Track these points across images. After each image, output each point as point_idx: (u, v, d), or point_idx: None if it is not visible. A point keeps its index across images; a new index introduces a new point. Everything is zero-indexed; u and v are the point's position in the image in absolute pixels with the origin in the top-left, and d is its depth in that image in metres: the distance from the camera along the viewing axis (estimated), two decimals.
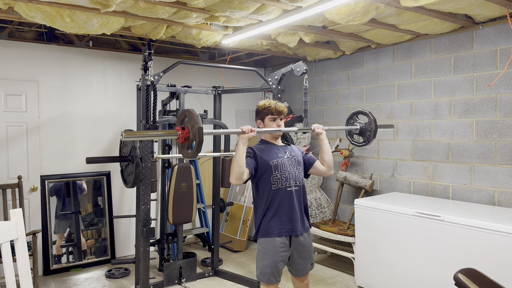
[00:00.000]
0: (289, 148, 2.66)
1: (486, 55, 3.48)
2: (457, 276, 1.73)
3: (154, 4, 2.85)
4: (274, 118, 2.59)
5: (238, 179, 2.39)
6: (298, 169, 2.60)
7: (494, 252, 2.75)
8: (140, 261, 3.33)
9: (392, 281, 3.41)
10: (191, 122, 2.12)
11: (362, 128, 3.03)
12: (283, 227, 2.50)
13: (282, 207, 2.50)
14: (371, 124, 2.97)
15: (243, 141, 2.40)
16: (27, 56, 4.08)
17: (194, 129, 2.08)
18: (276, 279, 2.51)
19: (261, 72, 5.58)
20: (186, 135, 2.13)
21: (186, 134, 2.13)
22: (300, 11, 2.97)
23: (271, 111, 2.58)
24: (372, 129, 2.97)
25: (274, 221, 2.49)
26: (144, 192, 3.23)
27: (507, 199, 3.36)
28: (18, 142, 4.03)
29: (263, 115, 2.61)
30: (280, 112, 2.59)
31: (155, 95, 3.09)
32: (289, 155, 2.60)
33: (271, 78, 3.50)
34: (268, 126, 2.61)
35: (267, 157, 2.53)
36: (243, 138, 2.40)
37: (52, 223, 4.17)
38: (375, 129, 2.96)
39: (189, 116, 2.14)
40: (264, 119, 2.62)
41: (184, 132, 2.13)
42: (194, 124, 2.08)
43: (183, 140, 2.14)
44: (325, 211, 4.74)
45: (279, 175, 2.51)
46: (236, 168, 2.37)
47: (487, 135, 3.49)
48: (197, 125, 2.06)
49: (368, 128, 2.99)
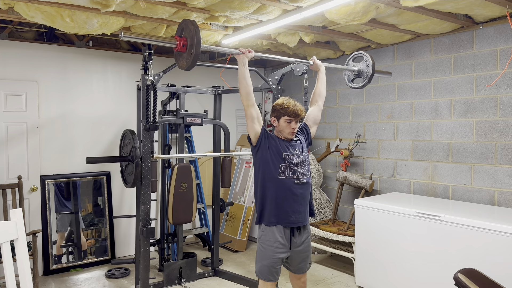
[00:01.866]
0: (298, 145, 2.61)
1: (486, 55, 3.48)
2: (457, 276, 1.73)
3: (154, 4, 2.85)
4: (290, 120, 2.50)
5: (247, 99, 2.46)
6: (305, 165, 2.58)
7: (494, 252, 2.75)
8: (140, 261, 3.33)
9: (392, 281, 3.41)
10: (188, 29, 2.27)
11: (360, 70, 3.22)
12: (286, 217, 2.49)
13: (287, 198, 2.49)
14: (367, 61, 3.12)
15: (242, 61, 2.48)
16: (27, 56, 4.08)
17: (191, 33, 2.24)
18: (274, 278, 2.53)
19: (261, 72, 5.58)
20: (184, 41, 2.28)
21: (184, 41, 2.28)
22: (300, 11, 2.97)
23: (288, 112, 2.48)
24: (370, 64, 3.12)
25: (277, 210, 2.48)
26: (144, 192, 3.23)
27: (507, 199, 3.36)
28: (18, 142, 4.03)
29: (280, 114, 2.53)
30: (297, 115, 2.49)
31: (155, 95, 3.08)
32: (298, 152, 2.57)
33: (271, 78, 3.50)
34: (282, 127, 2.52)
35: (280, 146, 2.52)
36: (242, 58, 2.48)
37: (52, 223, 4.17)
38: (372, 63, 3.12)
39: (186, 24, 2.29)
40: (279, 119, 2.53)
41: (182, 40, 2.29)
42: (191, 27, 2.25)
43: (181, 47, 2.29)
44: (325, 211, 4.74)
45: (288, 166, 2.49)
46: (242, 87, 2.46)
47: (487, 135, 3.49)
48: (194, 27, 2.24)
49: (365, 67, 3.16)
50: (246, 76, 2.47)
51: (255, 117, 2.48)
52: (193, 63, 2.25)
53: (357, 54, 3.26)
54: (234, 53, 2.52)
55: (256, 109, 2.49)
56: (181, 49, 2.29)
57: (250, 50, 2.52)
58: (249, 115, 2.48)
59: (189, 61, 2.27)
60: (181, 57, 2.35)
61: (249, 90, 2.46)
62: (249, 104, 2.46)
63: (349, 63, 3.30)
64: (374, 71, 3.14)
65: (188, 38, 2.28)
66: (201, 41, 2.24)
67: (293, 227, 2.53)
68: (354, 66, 3.23)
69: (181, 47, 2.29)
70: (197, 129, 4.83)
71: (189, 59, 2.28)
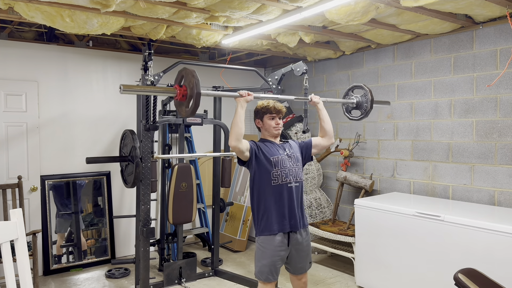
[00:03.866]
0: (288, 145, 2.68)
1: (486, 55, 3.48)
2: (457, 276, 1.73)
3: (154, 4, 2.85)
4: (273, 116, 2.63)
5: (237, 140, 2.42)
6: (297, 166, 2.62)
7: (494, 252, 2.75)
8: (140, 261, 3.33)
9: (392, 281, 3.41)
10: (188, 79, 2.22)
11: (358, 102, 3.15)
12: (285, 223, 2.51)
13: (283, 203, 2.52)
14: (366, 96, 3.05)
15: (241, 104, 2.47)
16: (27, 56, 4.08)
17: (191, 84, 2.19)
18: (274, 278, 2.53)
19: (261, 72, 5.59)
20: (184, 92, 2.23)
21: (184, 91, 2.23)
22: (300, 11, 2.97)
23: (269, 110, 2.62)
24: (369, 100, 3.06)
25: (275, 217, 2.50)
26: (144, 192, 3.23)
27: (507, 199, 3.36)
28: (18, 142, 4.03)
29: (262, 114, 2.65)
30: (278, 111, 2.63)
31: (155, 95, 3.08)
32: (288, 152, 2.63)
33: (271, 78, 3.50)
34: (267, 125, 2.64)
35: (268, 153, 2.56)
36: (241, 101, 2.46)
37: (52, 223, 4.17)
38: (371, 99, 3.05)
39: (186, 74, 2.24)
40: (262, 118, 2.66)
41: (182, 90, 2.23)
42: (191, 79, 2.19)
43: (181, 97, 2.24)
44: (325, 211, 4.74)
45: (279, 171, 2.53)
46: (235, 129, 2.42)
47: (487, 135, 3.49)
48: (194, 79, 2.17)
49: (364, 101, 3.08)
50: (242, 119, 2.45)
51: (245, 149, 2.48)
52: (193, 113, 2.22)
53: (356, 86, 3.17)
54: (233, 96, 2.51)
55: (243, 143, 2.48)
56: (181, 99, 2.24)
57: (250, 93, 2.50)
58: (239, 152, 2.48)
59: (189, 112, 2.22)
60: (181, 106, 2.29)
61: (242, 132, 2.43)
62: (237, 145, 2.44)
63: (349, 93, 3.25)
64: (372, 106, 3.08)
65: (188, 88, 2.22)
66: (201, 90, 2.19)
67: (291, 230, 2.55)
68: (352, 98, 3.17)
69: (180, 97, 2.23)
70: (197, 129, 4.83)
71: (188, 109, 2.22)
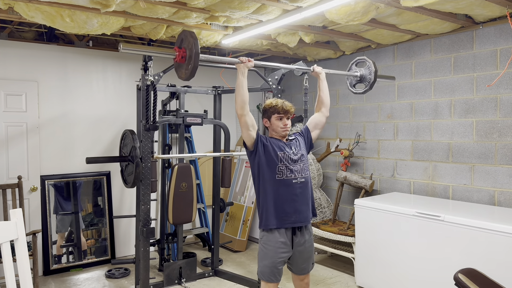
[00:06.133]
0: (294, 143, 2.64)
1: (486, 55, 3.48)
2: (457, 276, 1.73)
3: (154, 4, 2.85)
4: (280, 117, 2.59)
5: (242, 108, 2.42)
6: (302, 162, 2.60)
7: (494, 252, 2.75)
8: (140, 261, 3.33)
9: (392, 281, 3.41)
10: (187, 40, 2.26)
11: (362, 75, 3.13)
12: (287, 218, 2.49)
13: (286, 198, 2.50)
14: (370, 68, 3.04)
15: (242, 70, 2.47)
16: (27, 56, 4.08)
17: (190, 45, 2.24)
18: (276, 279, 2.52)
19: (261, 72, 5.58)
20: (183, 53, 2.28)
21: (183, 52, 2.28)
22: (300, 11, 2.97)
23: (277, 110, 2.58)
24: (372, 71, 3.04)
25: (276, 212, 2.49)
26: (144, 192, 3.23)
27: (507, 199, 3.36)
28: (18, 142, 4.03)
29: (270, 113, 2.61)
30: (286, 111, 2.59)
31: (155, 95, 3.08)
32: (294, 151, 2.60)
33: (271, 78, 3.50)
34: (275, 125, 2.60)
35: (276, 147, 2.55)
36: (241, 67, 2.47)
37: (52, 223, 4.17)
38: (375, 70, 3.04)
39: (185, 36, 2.29)
40: (270, 118, 2.62)
41: (181, 51, 2.28)
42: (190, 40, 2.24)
43: (180, 59, 2.29)
44: (325, 211, 4.74)
45: (284, 167, 2.51)
46: (239, 96, 2.42)
47: (487, 135, 3.49)
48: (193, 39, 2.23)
49: (367, 73, 3.08)
50: (244, 85, 2.45)
51: (250, 124, 2.48)
52: (192, 74, 2.26)
53: (360, 59, 3.19)
54: (234, 62, 2.51)
55: (250, 116, 2.49)
56: (180, 61, 2.29)
57: (250, 59, 2.50)
58: (244, 123, 2.47)
59: (188, 72, 2.27)
60: (180, 68, 2.35)
61: (246, 99, 2.44)
62: (243, 114, 2.45)
63: (352, 67, 3.26)
64: (376, 78, 3.09)
65: (187, 49, 2.28)
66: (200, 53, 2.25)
67: (294, 227, 2.53)
68: (356, 71, 3.17)
69: (180, 58, 2.28)
70: (197, 129, 4.83)
71: (187, 70, 2.27)
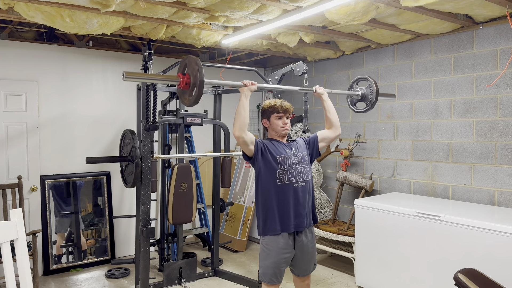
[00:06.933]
0: (294, 145, 2.64)
1: (486, 55, 3.48)
2: (457, 276, 1.73)
3: (154, 4, 2.85)
4: (280, 116, 2.59)
5: (241, 130, 2.40)
6: (303, 165, 2.59)
7: (494, 252, 2.75)
8: (140, 261, 3.33)
9: (392, 281, 3.41)
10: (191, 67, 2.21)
11: (363, 94, 3.09)
12: (289, 223, 2.48)
13: (288, 203, 2.49)
14: (371, 87, 3.01)
15: (245, 93, 2.46)
16: (27, 56, 4.08)
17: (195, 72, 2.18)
18: (277, 280, 2.51)
19: (261, 72, 5.58)
20: (187, 80, 2.22)
21: (187, 79, 2.22)
22: (300, 11, 2.97)
23: (277, 109, 2.58)
24: (374, 91, 3.01)
25: (279, 217, 2.48)
26: (144, 192, 3.23)
27: (507, 199, 3.36)
28: (18, 142, 4.03)
29: (269, 113, 2.61)
30: (285, 110, 2.60)
31: (155, 95, 3.08)
32: (295, 152, 2.59)
33: (271, 78, 3.50)
34: (274, 125, 2.60)
35: (275, 151, 2.53)
36: (245, 90, 2.46)
37: (52, 223, 4.17)
38: (376, 90, 3.01)
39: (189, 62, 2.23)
40: (270, 118, 2.62)
41: (185, 78, 2.22)
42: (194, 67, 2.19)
43: (184, 86, 2.23)
44: (325, 211, 4.74)
45: (284, 171, 2.50)
46: (239, 118, 2.40)
47: (487, 135, 3.49)
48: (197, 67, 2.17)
49: (369, 92, 3.04)
50: (247, 108, 2.43)
51: (249, 142, 2.46)
52: (196, 101, 2.19)
53: (361, 77, 3.15)
54: (237, 85, 2.50)
55: (248, 134, 2.46)
56: (184, 87, 2.22)
57: (254, 82, 2.50)
58: (243, 143, 2.45)
59: (192, 99, 2.19)
60: (184, 94, 2.28)
61: (247, 121, 2.42)
62: (241, 135, 2.41)
63: (353, 85, 3.23)
64: (377, 97, 3.06)
65: (191, 76, 2.21)
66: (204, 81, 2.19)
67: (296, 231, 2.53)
68: (357, 90, 3.13)
69: (184, 85, 2.21)
70: (197, 129, 4.83)
71: (192, 98, 2.21)
